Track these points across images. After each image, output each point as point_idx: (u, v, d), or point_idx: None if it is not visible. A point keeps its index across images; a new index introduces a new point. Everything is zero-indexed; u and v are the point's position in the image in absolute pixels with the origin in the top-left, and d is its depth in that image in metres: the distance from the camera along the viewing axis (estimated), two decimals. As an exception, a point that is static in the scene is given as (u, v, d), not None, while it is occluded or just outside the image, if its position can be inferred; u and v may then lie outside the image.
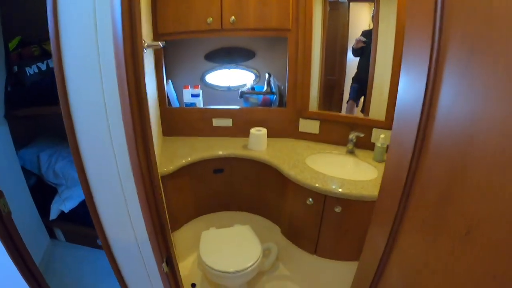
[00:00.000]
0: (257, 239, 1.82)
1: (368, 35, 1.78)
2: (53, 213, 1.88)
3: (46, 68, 1.71)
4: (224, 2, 1.85)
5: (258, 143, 1.99)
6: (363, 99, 1.93)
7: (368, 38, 1.79)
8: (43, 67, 1.70)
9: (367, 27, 1.81)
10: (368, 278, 0.90)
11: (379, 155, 1.78)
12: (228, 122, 2.18)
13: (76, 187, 1.86)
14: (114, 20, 0.73)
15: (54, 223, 1.99)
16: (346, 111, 2.00)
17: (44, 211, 1.90)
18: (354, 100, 1.97)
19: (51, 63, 1.72)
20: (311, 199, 1.61)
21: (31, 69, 1.67)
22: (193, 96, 2.25)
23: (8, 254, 1.00)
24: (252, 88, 2.33)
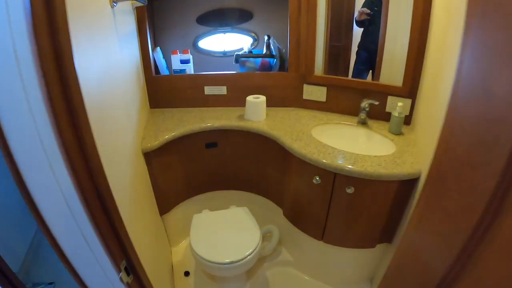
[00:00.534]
0: (256, 223, 1.60)
1: (376, 2, 1.54)
2: None
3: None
4: None
5: (256, 113, 1.72)
6: (371, 72, 1.70)
7: (376, 6, 1.54)
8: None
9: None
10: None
11: (396, 127, 1.52)
12: (222, 90, 1.90)
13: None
14: None
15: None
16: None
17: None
18: (361, 72, 1.73)
19: None
20: (318, 178, 1.36)
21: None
22: (183, 62, 1.96)
23: None
24: (250, 52, 2.03)
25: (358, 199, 1.34)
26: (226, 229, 1.56)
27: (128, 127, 1.28)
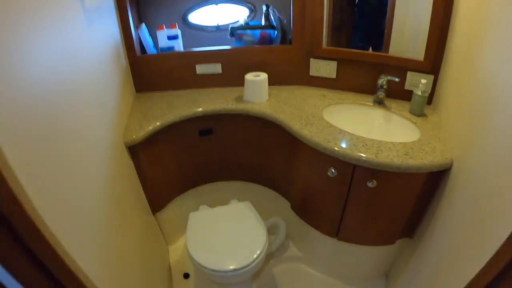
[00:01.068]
0: (261, 220, 1.42)
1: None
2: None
3: None
4: None
5: (257, 93, 1.49)
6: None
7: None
8: None
9: None
10: None
11: (418, 107, 1.31)
12: (216, 68, 1.66)
13: None
14: None
15: None
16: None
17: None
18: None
19: None
20: (334, 170, 1.17)
21: None
22: (170, 39, 1.70)
23: None
24: (246, 24, 1.77)
25: (381, 194, 1.15)
26: (228, 229, 1.37)
27: (103, 120, 1.05)
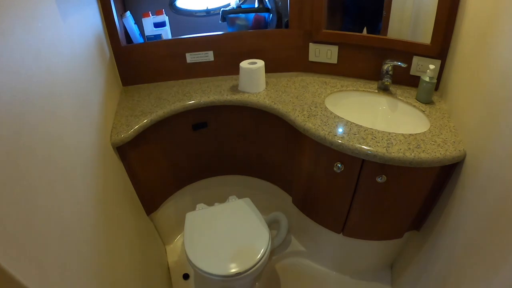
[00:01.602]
0: (261, 217, 1.34)
1: None
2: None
3: None
4: None
5: (253, 82, 1.38)
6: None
7: None
8: None
9: None
10: None
11: (426, 94, 1.23)
12: (208, 56, 1.53)
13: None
14: None
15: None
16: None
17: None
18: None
19: None
20: (341, 165, 1.09)
21: None
22: (157, 26, 1.56)
23: None
24: (239, 7, 1.64)
25: (390, 189, 1.07)
26: (227, 229, 1.30)
27: (86, 122, 0.94)
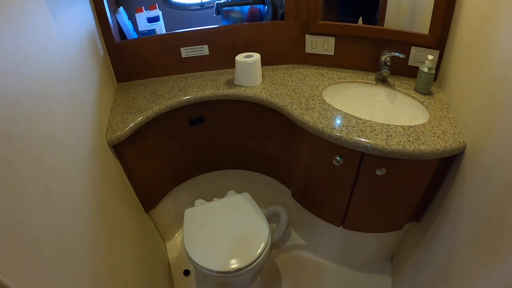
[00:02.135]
0: (260, 212, 1.34)
1: None
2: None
3: None
4: None
5: (249, 76, 1.36)
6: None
7: None
8: None
9: None
10: None
11: (424, 85, 1.21)
12: (203, 50, 1.51)
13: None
14: None
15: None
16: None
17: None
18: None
19: None
20: (340, 158, 1.08)
21: None
22: (151, 22, 1.54)
23: None
24: (233, 0, 1.61)
25: (390, 182, 1.07)
26: (227, 225, 1.29)
27: (81, 121, 0.92)
